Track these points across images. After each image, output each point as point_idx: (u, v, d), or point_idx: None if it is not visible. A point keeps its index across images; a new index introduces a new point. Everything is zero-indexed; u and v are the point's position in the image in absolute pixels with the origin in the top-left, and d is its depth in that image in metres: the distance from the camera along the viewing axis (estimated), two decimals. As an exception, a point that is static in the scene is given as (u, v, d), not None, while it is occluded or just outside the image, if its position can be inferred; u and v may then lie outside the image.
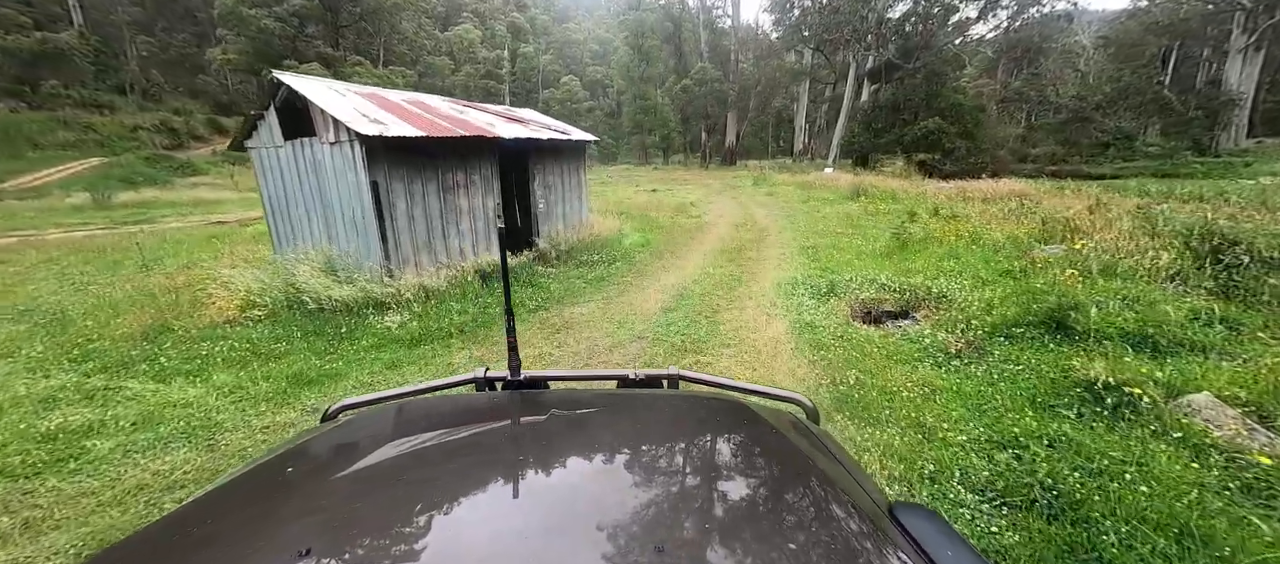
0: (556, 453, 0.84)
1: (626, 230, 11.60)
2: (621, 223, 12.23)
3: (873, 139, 27.66)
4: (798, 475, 0.84)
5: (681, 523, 0.65)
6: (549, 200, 8.98)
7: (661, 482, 0.75)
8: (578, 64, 77.07)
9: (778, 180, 24.62)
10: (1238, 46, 30.67)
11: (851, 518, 0.71)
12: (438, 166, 6.86)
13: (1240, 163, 28.02)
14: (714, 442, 0.92)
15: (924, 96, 24.98)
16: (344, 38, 45.09)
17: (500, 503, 0.68)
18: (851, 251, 8.59)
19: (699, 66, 38.05)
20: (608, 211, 14.35)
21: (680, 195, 20.79)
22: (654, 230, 12.03)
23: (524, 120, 9.07)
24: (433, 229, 6.89)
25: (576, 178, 9.79)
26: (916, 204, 13.52)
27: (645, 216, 14.17)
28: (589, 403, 1.06)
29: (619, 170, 42.04)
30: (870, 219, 12.67)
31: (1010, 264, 6.44)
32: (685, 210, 15.85)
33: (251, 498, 0.77)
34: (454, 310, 6.10)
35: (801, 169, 30.42)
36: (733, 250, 9.60)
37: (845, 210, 14.42)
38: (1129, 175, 29.61)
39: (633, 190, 22.74)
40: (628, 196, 19.88)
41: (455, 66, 59.16)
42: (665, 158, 55.45)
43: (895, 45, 28.01)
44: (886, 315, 5.58)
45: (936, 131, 22.53)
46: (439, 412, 1.06)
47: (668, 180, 29.63)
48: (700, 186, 25.22)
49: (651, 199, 19.01)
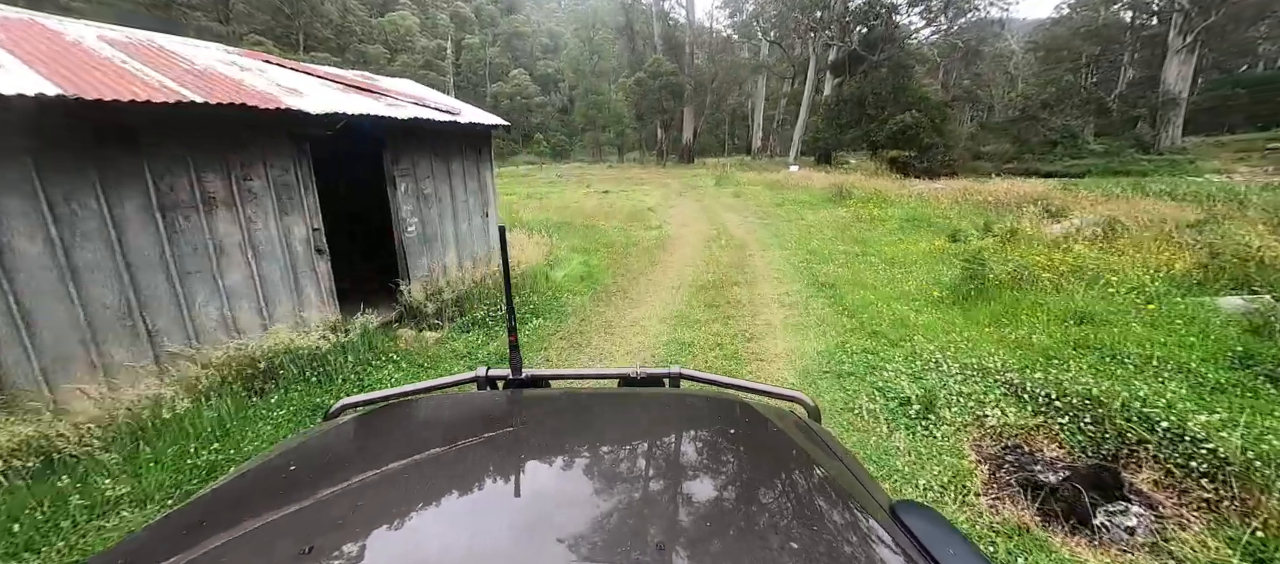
0: (558, 451, 0.82)
1: (562, 253, 8.24)
2: (555, 242, 8.85)
3: (838, 135, 25.40)
4: (799, 474, 0.81)
5: (682, 521, 0.63)
6: (426, 218, 5.53)
7: (663, 480, 0.73)
8: (528, 57, 72.35)
9: (742, 180, 21.85)
10: (1175, 48, 30.59)
11: (853, 516, 0.69)
12: (151, 163, 3.36)
13: (1184, 161, 27.79)
14: (716, 440, 0.90)
15: (891, 90, 22.88)
16: (233, 10, 38.18)
17: (503, 501, 0.66)
18: (891, 292, 5.63)
19: (653, 59, 34.85)
20: (544, 223, 10.95)
21: (636, 198, 17.58)
22: (601, 251, 8.76)
23: (384, 92, 5.56)
24: (144, 289, 3.38)
25: (476, 182, 6.32)
26: (927, 210, 10.91)
27: (591, 229, 10.84)
28: (590, 402, 1.05)
29: (572, 168, 38.36)
30: (872, 230, 9.92)
31: (1243, 344, 3.50)
32: (642, 218, 12.65)
33: (254, 496, 0.75)
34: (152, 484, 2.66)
35: (764, 167, 27.86)
36: (711, 286, 6.52)
37: (834, 218, 11.66)
38: (1079, 173, 29.02)
39: (582, 192, 19.32)
40: (575, 201, 16.46)
41: (391, 56, 53.53)
42: (620, 155, 52.17)
43: (858, 36, 25.82)
44: (1068, 486, 2.56)
45: (914, 127, 20.42)
46: (441, 410, 1.04)
47: (623, 180, 26.36)
48: (658, 187, 22.13)
49: (603, 203, 15.70)
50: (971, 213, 10.75)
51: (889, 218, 11.07)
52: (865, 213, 11.67)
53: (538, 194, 18.84)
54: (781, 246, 8.95)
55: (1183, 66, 30.69)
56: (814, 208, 13.28)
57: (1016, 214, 10.12)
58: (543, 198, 17.48)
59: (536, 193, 19.25)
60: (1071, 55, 54.40)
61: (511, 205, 14.63)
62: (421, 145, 5.40)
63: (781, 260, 7.87)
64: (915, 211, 11.05)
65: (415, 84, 7.16)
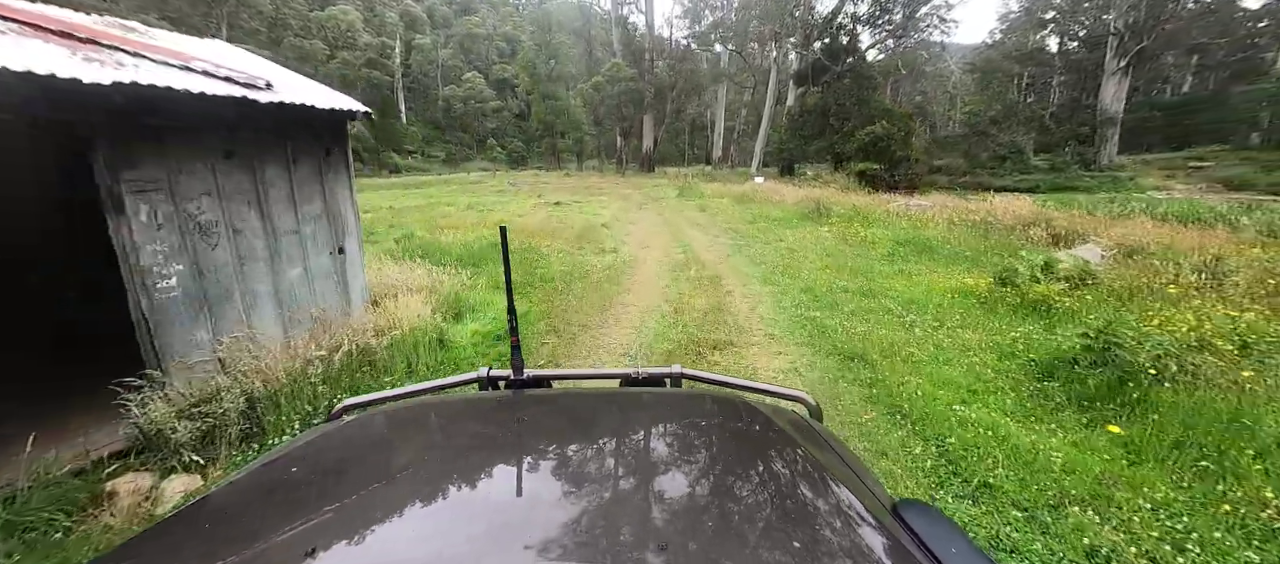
0: (561, 451, 0.80)
1: (478, 298, 5.92)
2: (472, 278, 6.56)
3: (802, 146, 24.16)
4: (802, 473, 0.80)
5: (685, 520, 0.62)
6: (205, 263, 3.09)
7: (665, 479, 0.72)
8: (483, 60, 68.98)
9: (706, 192, 20.09)
10: (1110, 70, 31.51)
11: (856, 515, 0.68)
12: None
13: (1125, 177, 28.40)
14: (717, 439, 0.89)
15: (855, 101, 21.81)
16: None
17: (505, 502, 0.65)
18: (955, 377, 3.67)
19: (612, 63, 32.86)
20: (472, 246, 8.61)
21: (591, 211, 15.42)
22: (536, 289, 6.52)
23: (146, 51, 3.18)
24: None
25: (321, 199, 3.84)
26: (922, 233, 9.30)
27: (530, 253, 8.58)
28: (592, 402, 1.03)
29: (527, 176, 35.73)
30: (865, 256, 8.19)
31: None
32: (595, 238, 10.50)
33: (256, 498, 0.73)
34: None
35: (726, 178, 26.31)
36: (683, 348, 4.46)
37: (816, 239, 9.92)
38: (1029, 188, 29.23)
39: (531, 204, 16.93)
40: (519, 215, 14.11)
41: (331, 53, 49.23)
42: (579, 163, 49.92)
43: (822, 45, 24.75)
44: None
45: (885, 138, 19.27)
46: (443, 411, 1.01)
47: (579, 190, 24.14)
48: (617, 198, 20.06)
49: (551, 218, 13.44)
50: (967, 235, 9.26)
51: (878, 240, 9.43)
52: (851, 234, 10.00)
53: (481, 205, 16.34)
54: (765, 280, 7.03)
55: (1118, 87, 31.64)
56: (790, 226, 11.55)
57: (1023, 239, 8.69)
58: (486, 210, 15.04)
59: (480, 204, 16.73)
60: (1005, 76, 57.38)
61: (438, 220, 12.11)
62: (192, 141, 3.06)
63: (772, 303, 5.92)
64: (908, 235, 9.46)
65: (248, 54, 4.67)
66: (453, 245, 8.64)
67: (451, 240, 9.17)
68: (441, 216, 13.07)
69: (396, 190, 22.64)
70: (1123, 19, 30.26)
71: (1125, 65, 30.92)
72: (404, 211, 14.36)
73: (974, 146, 33.58)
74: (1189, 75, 48.21)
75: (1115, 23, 30.44)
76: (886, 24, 25.36)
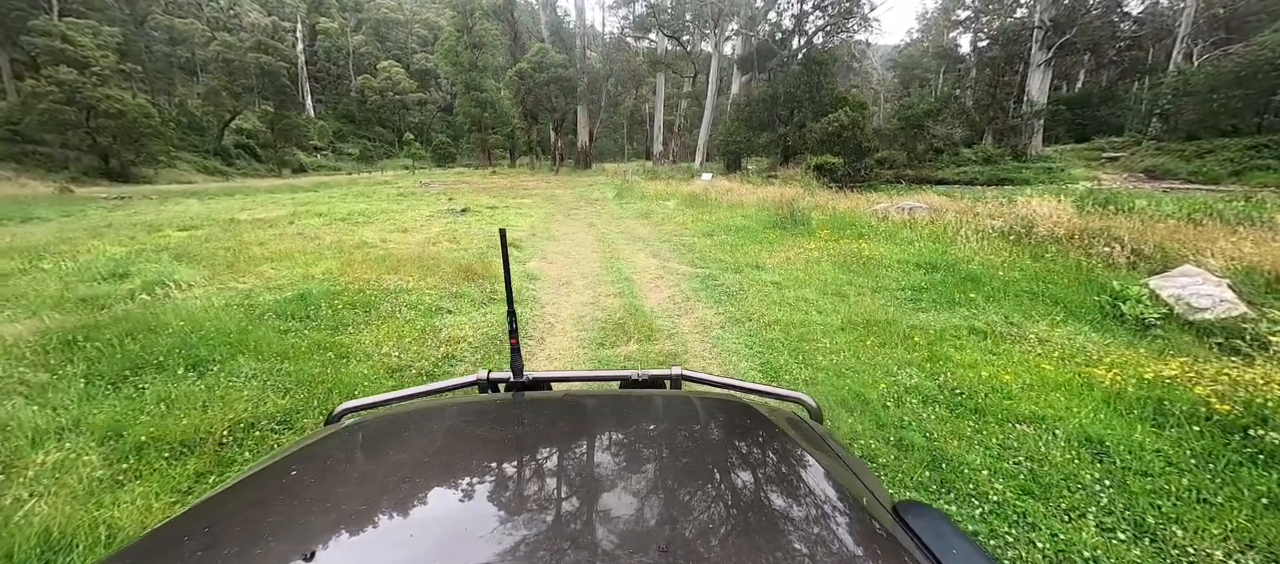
0: (562, 453, 0.78)
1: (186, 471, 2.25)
2: (229, 381, 2.81)
3: (749, 138, 21.52)
4: (802, 474, 0.77)
5: (685, 523, 0.61)
6: None
7: (665, 482, 0.69)
8: (402, 49, 61.84)
9: (649, 192, 16.84)
10: (1036, 62, 31.52)
11: (856, 517, 0.67)
12: None
13: (1057, 168, 28.25)
14: (717, 441, 0.86)
15: (807, 89, 19.43)
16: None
17: (505, 505, 0.63)
18: None
19: (538, 47, 28.80)
20: (286, 291, 4.79)
21: (507, 219, 11.73)
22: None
23: None
24: None
25: None
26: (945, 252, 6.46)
27: (368, 312, 4.86)
28: (592, 404, 0.98)
29: (450, 175, 30.92)
30: (896, 296, 5.21)
31: None
32: (490, 272, 6.88)
33: (255, 502, 0.69)
34: None
35: (670, 175, 23.24)
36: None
37: (805, 262, 6.91)
38: (968, 180, 28.46)
39: (426, 213, 12.77)
40: (405, 229, 10.11)
41: (211, 35, 41.32)
42: (512, 160, 45.16)
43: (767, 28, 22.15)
44: None
45: (850, 128, 16.91)
46: (442, 414, 0.97)
47: (503, 190, 20.16)
48: (544, 200, 16.39)
49: (448, 231, 9.62)
50: (1009, 253, 6.60)
51: (890, 262, 6.60)
52: (849, 254, 7.10)
53: (365, 215, 12.05)
54: (767, 368, 3.86)
55: (1043, 80, 31.77)
56: (763, 242, 8.52)
57: (1096, 259, 6.11)
58: (362, 222, 10.88)
59: (365, 212, 12.41)
60: (923, 73, 58.73)
61: (269, 243, 7.26)
62: None
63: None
64: (928, 255, 6.68)
65: None
66: (259, 292, 4.78)
67: (276, 276, 5.27)
68: (286, 236, 8.87)
69: (263, 195, 17.59)
70: (1047, 12, 30.23)
71: (1049, 59, 31.01)
72: (229, 227, 9.65)
73: (911, 140, 32.85)
74: (1082, 72, 50.89)
75: (1041, 16, 30.36)
76: (831, 8, 23.23)
